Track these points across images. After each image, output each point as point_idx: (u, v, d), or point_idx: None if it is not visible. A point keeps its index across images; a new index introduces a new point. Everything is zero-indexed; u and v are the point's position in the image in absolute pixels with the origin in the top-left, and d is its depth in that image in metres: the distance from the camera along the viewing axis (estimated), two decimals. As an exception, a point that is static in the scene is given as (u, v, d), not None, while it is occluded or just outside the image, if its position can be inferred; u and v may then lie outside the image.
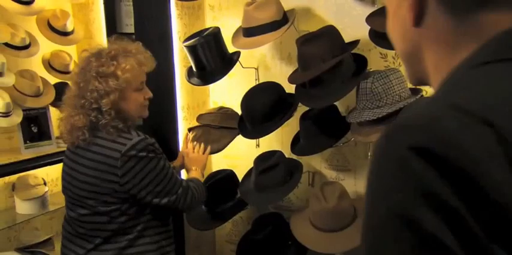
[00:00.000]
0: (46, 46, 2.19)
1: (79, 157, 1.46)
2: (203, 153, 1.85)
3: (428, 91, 1.68)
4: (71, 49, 2.38)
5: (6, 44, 1.98)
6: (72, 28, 2.25)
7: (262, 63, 2.07)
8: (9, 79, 1.95)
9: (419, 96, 1.57)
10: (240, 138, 2.00)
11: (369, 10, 1.66)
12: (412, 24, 0.54)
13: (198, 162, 1.82)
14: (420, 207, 0.41)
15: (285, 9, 1.78)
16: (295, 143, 1.93)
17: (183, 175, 2.00)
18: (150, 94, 1.51)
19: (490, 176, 0.41)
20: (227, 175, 2.03)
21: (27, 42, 2.07)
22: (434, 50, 0.55)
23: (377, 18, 1.55)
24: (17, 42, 2.01)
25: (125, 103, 1.43)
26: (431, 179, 0.41)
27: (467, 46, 0.51)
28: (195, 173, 1.77)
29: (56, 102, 2.17)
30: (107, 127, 1.40)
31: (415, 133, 0.43)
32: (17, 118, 1.99)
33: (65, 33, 2.23)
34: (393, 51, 1.72)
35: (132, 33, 2.48)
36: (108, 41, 1.60)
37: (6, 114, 1.93)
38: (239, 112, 1.95)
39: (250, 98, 1.83)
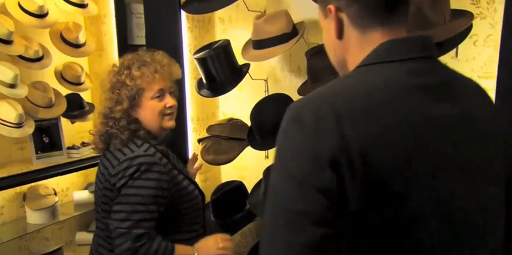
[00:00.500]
0: (58, 58, 2.22)
1: (99, 164, 1.50)
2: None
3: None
4: (83, 61, 2.42)
5: (20, 56, 2.02)
6: (84, 40, 2.29)
7: (271, 75, 2.08)
8: (23, 91, 1.99)
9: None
10: (249, 149, 2.00)
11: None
12: (336, 37, 0.80)
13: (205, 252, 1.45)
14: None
15: (295, 22, 1.80)
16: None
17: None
18: (171, 103, 1.44)
19: (322, 137, 0.68)
20: (236, 187, 2.04)
21: (40, 55, 2.11)
22: (351, 56, 0.80)
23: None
24: (30, 54, 2.05)
25: (140, 111, 1.43)
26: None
27: (367, 52, 0.77)
28: (187, 251, 1.42)
29: (67, 113, 2.21)
30: (117, 137, 1.42)
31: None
32: (29, 129, 2.02)
33: (77, 45, 2.26)
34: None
35: (142, 45, 2.52)
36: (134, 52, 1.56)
37: (18, 125, 1.96)
38: (249, 123, 1.96)
39: (259, 110, 1.84)
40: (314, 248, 0.65)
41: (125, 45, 2.43)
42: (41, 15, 2.04)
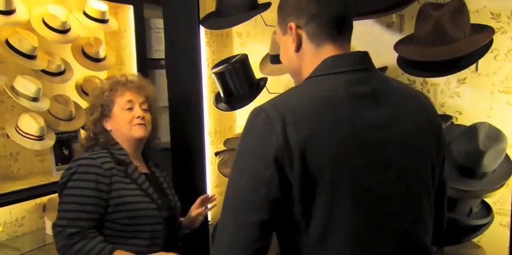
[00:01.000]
0: (79, 72, 2.27)
1: None
2: None
3: (458, 118, 1.66)
4: (103, 74, 2.46)
5: (43, 71, 2.07)
6: (104, 55, 2.34)
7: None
8: (45, 104, 2.03)
9: (449, 123, 1.56)
10: (266, 163, 2.00)
11: (396, 37, 1.68)
12: (294, 50, 0.96)
13: None
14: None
15: (312, 37, 1.81)
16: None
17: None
18: (139, 113, 1.53)
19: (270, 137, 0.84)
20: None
21: (62, 69, 2.16)
22: (305, 66, 0.96)
23: (405, 45, 1.57)
24: (52, 68, 2.10)
25: (111, 121, 1.53)
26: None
27: (312, 66, 0.93)
28: None
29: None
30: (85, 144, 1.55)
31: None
32: (50, 141, 2.06)
33: (98, 60, 2.31)
34: (421, 78, 1.72)
35: (161, 59, 2.56)
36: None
37: (40, 138, 2.00)
38: (265, 137, 1.96)
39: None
40: (256, 228, 0.85)
41: (143, 59, 2.48)
42: (64, 30, 2.10)
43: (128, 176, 1.46)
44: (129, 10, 2.42)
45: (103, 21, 2.28)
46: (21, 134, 1.96)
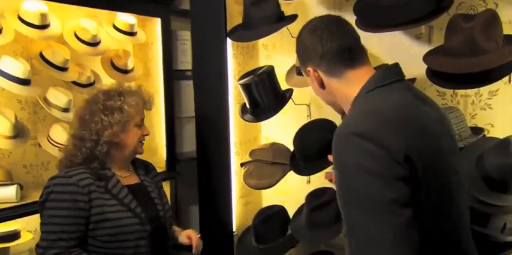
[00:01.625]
0: (108, 82, 2.32)
1: None
2: None
3: (489, 130, 1.63)
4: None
5: (74, 82, 2.13)
6: (132, 66, 2.39)
7: (314, 100, 2.09)
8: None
9: (481, 135, 1.53)
10: (291, 174, 2.00)
11: (425, 49, 1.66)
12: (320, 88, 1.11)
13: None
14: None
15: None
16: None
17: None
18: (148, 131, 1.55)
19: (389, 140, 0.91)
20: (278, 211, 2.03)
21: (92, 80, 2.21)
22: (339, 96, 1.09)
23: (434, 57, 1.55)
24: (83, 80, 2.16)
25: (125, 136, 1.48)
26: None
27: (351, 89, 1.05)
28: None
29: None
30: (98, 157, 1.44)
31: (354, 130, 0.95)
32: (79, 151, 2.10)
33: (126, 71, 2.36)
34: (451, 90, 1.70)
35: (186, 70, 2.60)
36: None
37: (70, 147, 2.04)
38: (291, 148, 1.96)
39: (303, 134, 1.84)
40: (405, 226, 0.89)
41: (169, 70, 2.52)
42: (94, 43, 2.15)
43: (107, 191, 1.42)
44: (156, 23, 2.47)
45: (131, 33, 2.33)
46: (52, 144, 2.01)
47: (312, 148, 1.80)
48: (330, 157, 1.01)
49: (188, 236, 1.63)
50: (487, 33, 1.40)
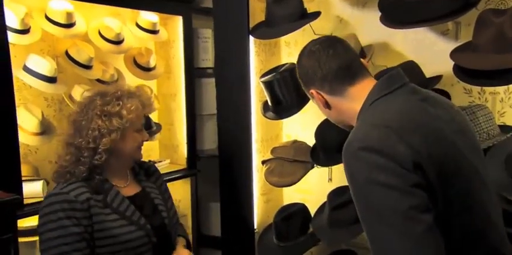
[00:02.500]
0: (131, 80, 2.35)
1: None
2: None
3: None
4: (152, 83, 2.54)
5: (98, 80, 2.17)
6: (154, 64, 2.41)
7: (336, 98, 2.07)
8: (99, 112, 2.11)
9: (510, 134, 1.49)
10: (312, 172, 1.99)
11: (451, 45, 1.63)
12: (325, 108, 1.15)
13: None
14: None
15: (362, 45, 1.79)
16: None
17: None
18: (147, 137, 1.44)
19: (396, 150, 0.91)
20: (299, 209, 2.02)
21: (115, 78, 2.24)
22: (345, 113, 1.12)
23: (462, 53, 1.52)
24: (106, 78, 2.19)
25: (123, 142, 1.36)
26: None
27: (355, 104, 1.07)
28: None
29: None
30: (98, 168, 1.34)
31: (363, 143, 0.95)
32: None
33: (148, 69, 2.39)
34: (478, 87, 1.66)
35: (207, 68, 2.61)
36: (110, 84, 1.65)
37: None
38: (312, 145, 1.95)
39: (324, 128, 1.83)
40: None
41: (191, 68, 2.54)
42: (118, 41, 2.19)
43: (107, 205, 1.31)
44: (178, 21, 2.48)
45: (154, 31, 2.35)
46: (77, 141, 2.05)
47: (333, 140, 1.79)
48: None
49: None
50: (518, 29, 1.36)
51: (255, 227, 2.15)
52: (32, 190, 1.85)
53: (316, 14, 1.87)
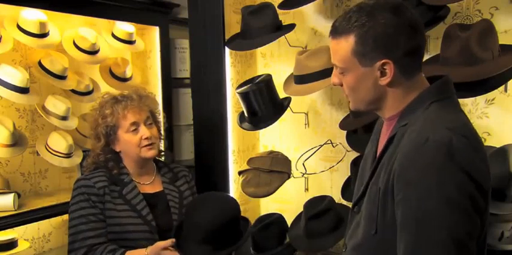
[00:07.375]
0: (107, 91, 2.32)
1: None
2: None
3: (486, 139, 1.63)
4: (129, 93, 2.52)
5: (72, 90, 2.14)
6: (130, 74, 2.40)
7: (312, 108, 2.10)
8: (73, 123, 2.09)
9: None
10: (289, 182, 2.00)
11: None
12: (385, 85, 0.97)
13: None
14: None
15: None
16: (345, 188, 1.91)
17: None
18: (147, 134, 1.50)
19: (474, 164, 0.89)
20: (276, 219, 2.02)
21: (91, 88, 2.22)
22: (393, 96, 0.99)
23: (430, 66, 1.55)
24: (81, 88, 2.16)
25: (118, 145, 1.53)
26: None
27: (413, 93, 0.98)
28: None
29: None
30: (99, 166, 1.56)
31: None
32: (77, 158, 2.10)
33: (124, 79, 2.37)
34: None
35: (185, 78, 2.61)
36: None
37: (68, 155, 2.04)
38: (289, 156, 1.96)
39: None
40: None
41: (168, 78, 2.53)
42: (93, 52, 2.16)
43: (121, 196, 1.49)
44: (155, 31, 2.48)
45: (130, 42, 2.34)
46: (50, 152, 2.01)
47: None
48: None
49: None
50: (483, 43, 1.42)
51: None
52: (3, 203, 1.81)
53: (291, 26, 1.90)
